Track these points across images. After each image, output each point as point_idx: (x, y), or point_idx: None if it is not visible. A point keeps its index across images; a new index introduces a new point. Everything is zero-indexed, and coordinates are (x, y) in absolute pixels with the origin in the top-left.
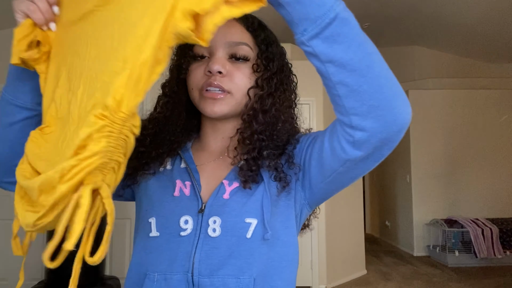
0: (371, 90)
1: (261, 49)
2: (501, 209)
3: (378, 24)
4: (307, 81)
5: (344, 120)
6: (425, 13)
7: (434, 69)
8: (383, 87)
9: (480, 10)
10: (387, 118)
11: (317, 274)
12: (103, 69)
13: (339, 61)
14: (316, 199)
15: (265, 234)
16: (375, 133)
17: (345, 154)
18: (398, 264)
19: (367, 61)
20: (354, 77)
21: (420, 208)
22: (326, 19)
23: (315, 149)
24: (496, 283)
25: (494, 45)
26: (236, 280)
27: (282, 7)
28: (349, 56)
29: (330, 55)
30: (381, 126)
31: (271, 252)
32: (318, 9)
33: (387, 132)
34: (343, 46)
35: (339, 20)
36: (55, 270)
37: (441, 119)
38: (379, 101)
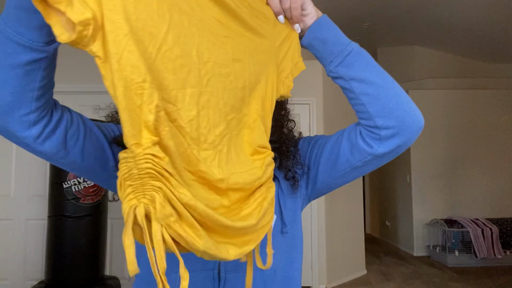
0: (389, 96)
1: None
2: (501, 209)
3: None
4: (307, 81)
5: (369, 123)
6: (425, 13)
7: (434, 69)
8: (398, 95)
9: (480, 10)
10: (406, 118)
11: (317, 274)
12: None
13: (359, 78)
14: (316, 193)
15: (284, 228)
16: (398, 131)
17: (371, 149)
18: (398, 264)
19: (382, 78)
20: (373, 88)
21: (420, 208)
22: (345, 52)
23: (327, 148)
24: (496, 283)
25: (494, 45)
26: (259, 272)
27: (314, 48)
28: (366, 75)
29: (352, 75)
30: (402, 125)
31: (286, 245)
32: (339, 46)
33: (407, 130)
34: (361, 68)
35: (354, 52)
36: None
37: (441, 119)
38: (397, 104)
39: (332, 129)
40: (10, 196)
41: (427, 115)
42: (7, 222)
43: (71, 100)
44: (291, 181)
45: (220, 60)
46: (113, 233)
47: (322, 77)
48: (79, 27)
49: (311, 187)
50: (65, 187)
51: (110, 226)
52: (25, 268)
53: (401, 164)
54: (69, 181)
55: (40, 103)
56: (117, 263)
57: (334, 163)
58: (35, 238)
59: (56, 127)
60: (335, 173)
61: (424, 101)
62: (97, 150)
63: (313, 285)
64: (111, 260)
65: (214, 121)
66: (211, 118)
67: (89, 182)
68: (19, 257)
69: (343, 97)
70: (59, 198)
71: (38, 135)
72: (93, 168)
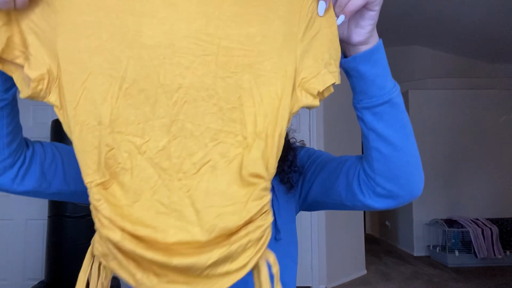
0: (399, 163)
1: None
2: (501, 209)
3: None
4: None
5: (370, 174)
6: (425, 13)
7: (434, 69)
8: (409, 164)
9: (480, 10)
10: (406, 188)
11: (317, 274)
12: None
13: (380, 133)
14: (306, 207)
15: (277, 234)
16: (393, 195)
17: (363, 197)
18: (398, 264)
19: (403, 141)
20: (389, 148)
21: (420, 208)
22: (380, 100)
23: (324, 173)
24: (496, 283)
25: (494, 45)
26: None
27: (350, 75)
28: (389, 133)
29: (375, 126)
30: (400, 192)
31: (280, 252)
32: (376, 90)
33: (402, 198)
34: (387, 124)
35: (390, 103)
36: (55, 270)
37: (441, 119)
38: (403, 173)
39: (332, 129)
40: (10, 196)
41: (427, 115)
42: (7, 222)
43: None
44: (287, 185)
45: (198, 83)
46: None
47: None
48: (33, 84)
49: (302, 199)
50: None
51: None
52: (25, 268)
53: None
54: None
55: (12, 148)
56: None
57: (327, 191)
58: (35, 238)
59: (30, 164)
60: (327, 199)
61: (424, 101)
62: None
63: (313, 285)
64: None
65: (191, 149)
66: (186, 146)
67: None
68: (19, 257)
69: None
70: None
71: (14, 177)
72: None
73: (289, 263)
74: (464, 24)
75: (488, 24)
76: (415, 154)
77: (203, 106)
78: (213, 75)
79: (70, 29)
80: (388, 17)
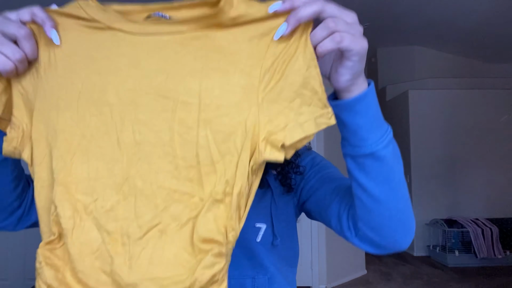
0: (381, 216)
1: None
2: (501, 209)
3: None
4: None
5: (354, 217)
6: (425, 13)
7: (434, 69)
8: (392, 217)
9: (480, 11)
10: (389, 239)
11: (317, 274)
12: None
13: (361, 183)
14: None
15: (275, 240)
16: (375, 244)
17: (349, 233)
18: (398, 264)
19: (386, 195)
20: (369, 200)
21: (420, 208)
22: (362, 151)
23: (321, 192)
24: (496, 283)
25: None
26: (251, 280)
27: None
28: (371, 186)
29: (356, 175)
30: (382, 242)
31: (277, 259)
32: (358, 141)
33: (385, 248)
34: (369, 177)
35: (374, 156)
36: None
37: (441, 119)
38: (385, 226)
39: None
40: None
41: (427, 115)
42: None
43: None
44: (285, 187)
45: (155, 139)
46: None
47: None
48: (5, 143)
49: (300, 206)
50: None
51: None
52: (25, 268)
53: None
54: None
55: (18, 191)
56: None
57: (320, 212)
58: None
59: (32, 201)
60: (319, 218)
61: (424, 101)
62: None
63: (313, 285)
64: None
65: (139, 210)
66: (135, 207)
67: None
68: (19, 257)
69: None
70: None
71: (21, 215)
72: None
73: (286, 269)
74: (464, 24)
75: (488, 24)
76: (401, 207)
77: (157, 164)
78: (171, 132)
79: (46, 90)
80: (388, 17)
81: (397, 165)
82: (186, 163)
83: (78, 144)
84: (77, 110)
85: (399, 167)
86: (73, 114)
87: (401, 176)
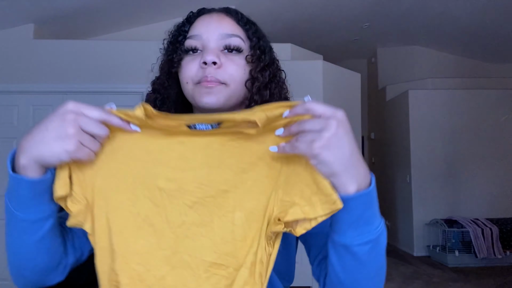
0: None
1: (253, 42)
2: (501, 209)
3: (378, 24)
4: (307, 81)
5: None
6: (426, 13)
7: (434, 69)
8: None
9: (480, 11)
10: None
11: None
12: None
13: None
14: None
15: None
16: None
17: (318, 278)
18: (398, 264)
19: (351, 282)
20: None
21: (420, 208)
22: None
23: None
24: (496, 283)
25: (494, 45)
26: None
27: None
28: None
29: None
30: None
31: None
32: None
33: None
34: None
35: (347, 249)
36: None
37: (441, 119)
38: None
39: None
40: None
41: (427, 115)
42: None
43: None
44: None
45: (198, 220)
46: None
47: (322, 77)
48: (73, 219)
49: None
50: None
51: None
52: None
53: (401, 164)
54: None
55: (64, 244)
56: None
57: (305, 241)
58: None
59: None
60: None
61: (424, 101)
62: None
63: (313, 285)
64: None
65: (186, 279)
66: (182, 277)
67: None
68: None
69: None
70: None
71: (66, 264)
72: None
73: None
74: (465, 24)
75: (488, 24)
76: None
77: (200, 241)
78: (211, 214)
79: (107, 172)
80: (388, 17)
81: (372, 264)
82: (223, 240)
83: (134, 221)
84: (133, 192)
85: (374, 266)
86: (130, 196)
87: (374, 274)
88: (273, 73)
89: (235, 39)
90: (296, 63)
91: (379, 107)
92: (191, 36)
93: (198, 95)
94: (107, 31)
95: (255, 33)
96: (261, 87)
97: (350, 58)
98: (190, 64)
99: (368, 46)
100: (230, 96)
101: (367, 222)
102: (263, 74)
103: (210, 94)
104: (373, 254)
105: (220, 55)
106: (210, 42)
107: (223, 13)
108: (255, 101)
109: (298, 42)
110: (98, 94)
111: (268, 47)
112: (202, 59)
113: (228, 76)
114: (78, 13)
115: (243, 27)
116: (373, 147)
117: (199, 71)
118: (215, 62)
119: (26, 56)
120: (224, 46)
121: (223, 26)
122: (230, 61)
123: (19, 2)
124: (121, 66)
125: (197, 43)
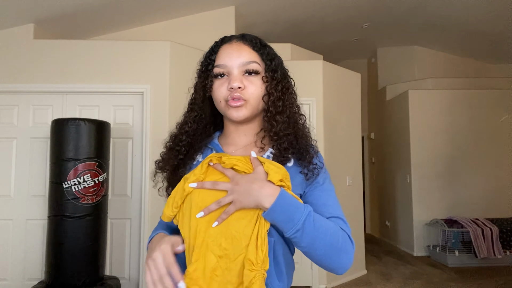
0: (313, 259)
1: (267, 64)
2: (501, 209)
3: (378, 24)
4: (307, 81)
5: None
6: (426, 13)
7: (434, 69)
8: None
9: (480, 11)
10: (329, 268)
11: (317, 274)
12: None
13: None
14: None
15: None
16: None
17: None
18: (398, 264)
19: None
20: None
21: (420, 208)
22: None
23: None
24: (496, 283)
25: (495, 45)
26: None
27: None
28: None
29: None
30: (326, 268)
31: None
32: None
33: (330, 271)
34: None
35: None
36: (55, 270)
37: (441, 119)
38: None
39: (332, 129)
40: (10, 196)
41: (427, 115)
42: (7, 222)
43: (71, 100)
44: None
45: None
46: (113, 233)
47: (322, 77)
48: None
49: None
50: (65, 187)
51: (110, 226)
52: (25, 268)
53: (401, 164)
54: (69, 181)
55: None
56: (117, 263)
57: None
58: (35, 238)
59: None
60: None
61: (424, 101)
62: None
63: (313, 285)
64: (111, 260)
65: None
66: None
67: (89, 182)
68: (19, 257)
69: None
70: (59, 198)
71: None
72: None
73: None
74: (464, 25)
75: (488, 24)
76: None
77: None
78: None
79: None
80: (388, 17)
81: (311, 240)
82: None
83: (188, 243)
84: (188, 222)
85: (314, 240)
86: (186, 225)
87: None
88: (285, 86)
89: (253, 64)
90: (296, 63)
91: (379, 107)
92: (218, 65)
93: (228, 111)
94: (107, 31)
95: (268, 56)
96: (275, 100)
97: (350, 58)
98: (220, 88)
99: (368, 46)
100: (253, 109)
101: (289, 219)
102: (276, 89)
103: (238, 111)
104: (305, 235)
105: (243, 79)
106: (233, 69)
107: (241, 42)
108: (271, 111)
109: (298, 42)
110: (98, 94)
111: (279, 64)
112: (229, 85)
113: (249, 95)
114: (78, 13)
115: (258, 52)
116: (373, 147)
117: (228, 93)
118: (240, 86)
119: (26, 56)
120: (245, 71)
121: (242, 55)
122: (250, 83)
123: (19, 2)
124: (121, 66)
125: (223, 70)
